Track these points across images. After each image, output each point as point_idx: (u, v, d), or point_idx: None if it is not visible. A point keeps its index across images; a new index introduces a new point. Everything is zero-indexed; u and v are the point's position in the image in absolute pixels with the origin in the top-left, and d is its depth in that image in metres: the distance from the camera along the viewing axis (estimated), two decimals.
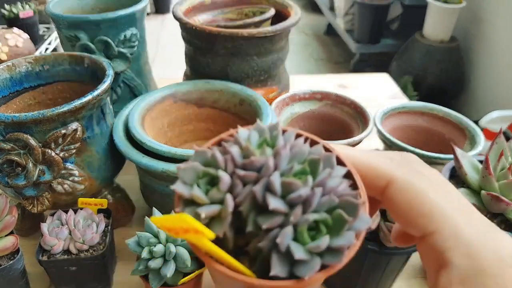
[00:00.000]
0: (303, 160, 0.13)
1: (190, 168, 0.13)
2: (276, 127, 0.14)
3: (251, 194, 0.12)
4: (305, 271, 0.12)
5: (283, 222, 0.12)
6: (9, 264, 0.33)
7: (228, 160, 0.13)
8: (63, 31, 0.45)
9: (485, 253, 0.12)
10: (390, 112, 0.49)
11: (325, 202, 0.12)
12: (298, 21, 0.47)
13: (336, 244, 0.12)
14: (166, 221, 0.12)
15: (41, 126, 0.33)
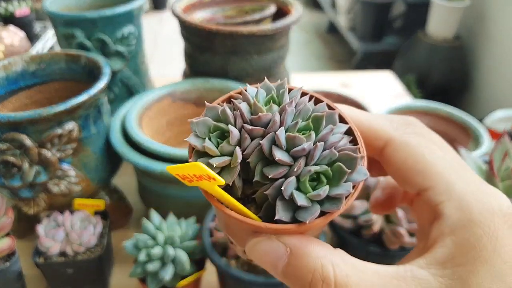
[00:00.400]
0: (307, 117, 0.15)
1: (202, 122, 0.14)
2: (283, 85, 0.15)
3: (258, 147, 0.14)
4: (306, 216, 0.13)
5: (287, 173, 0.13)
6: (5, 266, 0.32)
7: (237, 116, 0.14)
8: (60, 29, 0.44)
9: (476, 205, 0.13)
10: (394, 111, 0.48)
11: (326, 156, 0.14)
12: (299, 19, 0.46)
13: (335, 193, 0.13)
14: (181, 169, 0.13)
15: (37, 125, 0.32)
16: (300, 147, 0.13)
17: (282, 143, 0.13)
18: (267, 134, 0.14)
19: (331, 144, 0.14)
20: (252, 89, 0.15)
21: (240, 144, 0.14)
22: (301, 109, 0.15)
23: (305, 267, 0.13)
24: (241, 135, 0.14)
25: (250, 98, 0.15)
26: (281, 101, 0.15)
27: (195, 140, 0.14)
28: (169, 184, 0.37)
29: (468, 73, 1.40)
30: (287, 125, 0.14)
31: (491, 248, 0.12)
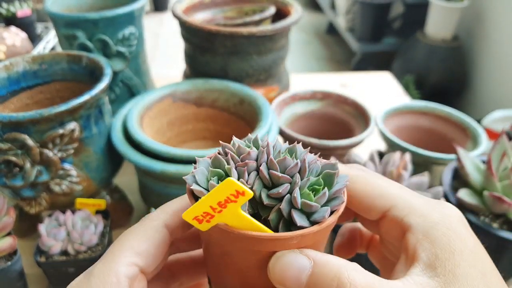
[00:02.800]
0: (285, 149, 0.17)
1: (200, 172, 0.16)
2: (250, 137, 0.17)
3: (257, 177, 0.15)
4: (321, 215, 0.15)
5: (290, 189, 0.15)
6: (7, 265, 0.32)
7: (229, 159, 0.16)
8: (61, 30, 0.45)
9: (433, 213, 0.16)
10: (392, 112, 0.49)
11: (313, 168, 0.16)
12: (299, 20, 0.46)
13: (334, 191, 0.16)
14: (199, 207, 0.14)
15: (39, 126, 0.32)
16: (292, 164, 0.15)
17: (276, 166, 0.15)
18: (261, 164, 0.16)
19: (310, 161, 0.16)
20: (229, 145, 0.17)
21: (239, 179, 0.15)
22: (277, 145, 0.17)
23: (329, 273, 0.14)
24: (239, 172, 0.15)
25: (231, 147, 0.16)
26: (257, 144, 0.17)
27: (199, 187, 0.15)
28: (170, 184, 0.37)
29: (467, 73, 1.40)
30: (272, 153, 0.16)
31: (459, 240, 0.15)
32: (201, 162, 0.16)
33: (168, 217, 0.17)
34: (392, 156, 0.34)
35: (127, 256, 0.15)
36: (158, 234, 0.16)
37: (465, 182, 0.37)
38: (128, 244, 0.16)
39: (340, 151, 0.43)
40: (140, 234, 0.16)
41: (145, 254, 0.16)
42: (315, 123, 0.51)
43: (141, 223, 0.17)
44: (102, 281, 0.15)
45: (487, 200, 0.33)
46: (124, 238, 0.16)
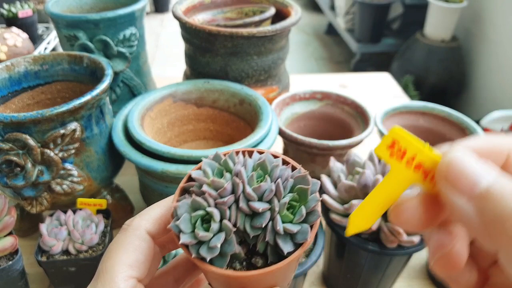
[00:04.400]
0: (254, 166, 0.17)
1: (183, 220, 0.16)
2: (219, 157, 0.17)
3: (239, 211, 0.16)
4: (303, 237, 0.16)
5: (270, 215, 0.16)
6: (8, 264, 0.32)
7: (207, 198, 0.16)
8: (62, 30, 0.45)
9: None
10: (391, 112, 0.49)
11: (287, 185, 0.17)
12: (299, 21, 0.47)
13: (310, 208, 0.16)
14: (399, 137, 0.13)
15: (40, 126, 0.33)
16: (268, 191, 0.16)
17: (254, 197, 0.16)
18: (239, 196, 0.16)
19: (285, 176, 0.17)
20: (197, 172, 0.17)
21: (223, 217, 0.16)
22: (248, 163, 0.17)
23: None
24: (221, 211, 0.16)
25: (204, 179, 0.16)
26: (228, 167, 0.17)
27: (187, 237, 0.15)
28: (170, 183, 0.37)
29: (466, 74, 1.40)
30: (247, 182, 0.16)
31: None
32: (180, 206, 0.16)
33: (149, 224, 0.17)
34: None
35: (121, 271, 0.16)
36: (144, 242, 0.17)
37: None
38: (118, 260, 0.16)
39: (340, 151, 0.43)
40: (127, 246, 0.16)
41: (137, 264, 0.16)
42: (314, 123, 0.51)
43: (125, 235, 0.17)
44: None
45: None
46: (113, 254, 0.16)
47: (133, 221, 0.17)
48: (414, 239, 0.31)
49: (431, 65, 1.37)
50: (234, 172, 0.16)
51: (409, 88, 1.33)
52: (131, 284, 0.16)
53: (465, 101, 1.44)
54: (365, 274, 0.35)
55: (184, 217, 0.16)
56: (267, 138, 0.38)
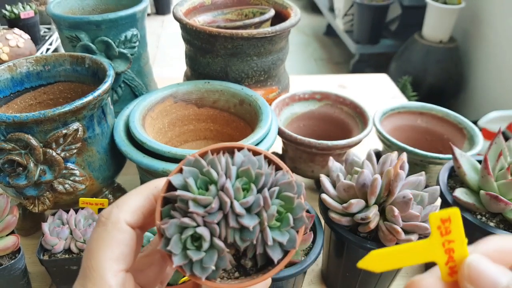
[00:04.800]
0: (238, 173, 0.17)
1: (175, 242, 0.16)
2: (200, 164, 0.17)
3: (228, 227, 0.16)
4: (291, 245, 0.16)
5: (260, 227, 0.16)
6: (10, 263, 0.33)
7: (195, 218, 0.16)
8: (64, 31, 0.45)
9: None
10: (389, 112, 0.49)
11: (272, 193, 0.16)
12: (298, 22, 0.47)
13: (297, 215, 0.17)
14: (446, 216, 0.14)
15: (42, 126, 0.33)
16: (256, 207, 0.16)
17: (243, 213, 0.16)
18: (227, 213, 0.16)
19: (272, 182, 0.17)
20: (177, 179, 0.16)
21: (213, 235, 0.16)
22: (232, 173, 0.17)
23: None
24: (211, 230, 0.16)
25: (189, 195, 0.16)
26: (212, 178, 0.16)
27: (180, 259, 0.15)
28: None
29: (463, 74, 1.41)
30: (234, 196, 0.16)
31: None
32: (168, 228, 0.16)
33: (128, 216, 0.17)
34: (390, 156, 0.34)
35: (109, 267, 0.16)
36: (126, 235, 0.17)
37: (461, 182, 0.38)
38: (104, 256, 0.16)
39: (339, 151, 0.43)
40: (110, 242, 0.16)
41: (122, 257, 0.16)
42: (314, 124, 0.52)
43: (105, 230, 0.17)
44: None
45: (484, 200, 0.34)
46: (97, 251, 0.16)
47: (111, 214, 0.17)
48: (412, 238, 0.31)
49: (429, 66, 1.38)
50: (219, 186, 0.16)
51: (407, 89, 1.34)
52: (121, 278, 0.16)
53: (462, 101, 1.44)
54: (364, 273, 0.35)
55: (174, 239, 0.15)
56: (267, 138, 0.39)
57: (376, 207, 0.32)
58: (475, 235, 0.34)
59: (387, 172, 0.32)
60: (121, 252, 0.16)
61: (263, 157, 0.17)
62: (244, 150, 0.17)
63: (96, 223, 0.17)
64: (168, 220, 0.16)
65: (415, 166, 0.43)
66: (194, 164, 0.17)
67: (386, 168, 0.33)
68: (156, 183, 0.18)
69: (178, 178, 0.16)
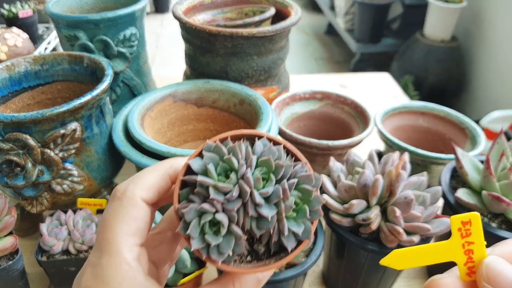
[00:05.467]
0: (258, 163, 0.17)
1: (194, 226, 0.16)
2: (221, 150, 0.17)
3: (246, 215, 0.16)
4: (306, 235, 0.17)
5: (277, 217, 0.16)
6: (8, 264, 0.32)
7: (214, 204, 0.16)
8: (63, 30, 0.45)
9: None
10: (391, 112, 0.49)
11: (291, 185, 0.16)
12: (298, 21, 0.47)
13: (313, 208, 0.17)
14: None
15: (40, 126, 0.33)
16: (275, 197, 0.16)
17: (262, 203, 0.16)
18: (246, 202, 0.16)
19: (292, 173, 0.17)
20: (197, 163, 0.16)
21: (232, 221, 0.16)
22: (252, 162, 0.17)
23: None
24: (228, 215, 0.16)
25: (209, 182, 0.16)
26: (233, 166, 0.16)
27: (198, 243, 0.16)
28: None
29: (465, 74, 1.41)
30: (254, 185, 0.16)
31: None
32: (188, 212, 0.16)
33: (143, 192, 0.17)
34: (391, 156, 0.34)
35: (125, 242, 0.16)
36: (141, 210, 0.17)
37: (463, 182, 0.38)
38: (120, 230, 0.16)
39: (340, 151, 0.43)
40: (125, 217, 0.17)
41: (138, 231, 0.17)
42: (314, 123, 0.51)
43: (121, 205, 0.17)
44: (117, 273, 0.15)
45: (486, 200, 0.34)
46: (112, 225, 0.16)
47: (127, 189, 0.17)
48: (414, 239, 0.31)
49: (431, 65, 1.37)
50: (240, 174, 0.16)
51: (409, 88, 1.33)
52: (136, 252, 0.16)
53: (464, 101, 1.44)
54: (365, 274, 0.35)
55: (193, 223, 0.16)
56: None
57: (378, 207, 0.32)
58: None
59: (389, 172, 0.32)
60: (136, 227, 0.17)
61: (282, 148, 0.17)
62: (264, 139, 0.17)
63: (111, 198, 0.17)
64: (187, 204, 0.16)
65: (416, 166, 0.43)
66: (214, 149, 0.17)
67: (388, 168, 0.32)
68: (171, 162, 0.18)
69: (197, 163, 0.16)
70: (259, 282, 0.18)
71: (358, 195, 0.33)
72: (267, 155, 0.17)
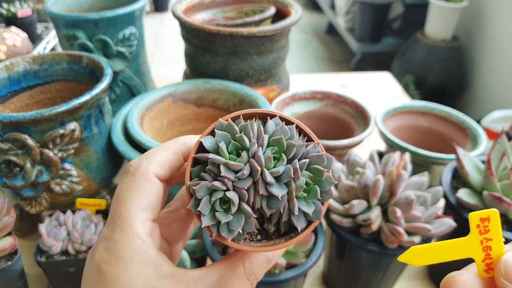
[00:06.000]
0: (270, 142, 0.16)
1: (204, 203, 0.16)
2: (233, 129, 0.17)
3: (257, 194, 0.16)
4: (316, 216, 0.16)
5: (287, 197, 0.16)
6: (7, 265, 0.32)
7: (225, 182, 0.16)
8: (62, 30, 0.45)
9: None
10: (392, 111, 0.49)
11: (302, 165, 0.16)
12: (299, 20, 0.47)
13: (324, 188, 0.16)
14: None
15: (39, 126, 0.32)
16: (286, 177, 0.16)
17: (272, 181, 0.16)
18: (257, 181, 0.16)
19: (300, 155, 0.16)
20: (209, 141, 0.16)
21: (242, 200, 0.16)
22: (264, 142, 0.16)
23: None
24: (239, 193, 0.16)
25: (221, 160, 0.16)
26: (245, 145, 0.16)
27: (208, 220, 0.16)
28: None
29: (466, 73, 1.40)
30: (265, 165, 0.16)
31: None
32: (199, 189, 0.16)
33: (156, 168, 0.17)
34: (392, 156, 0.34)
35: (137, 216, 0.16)
36: (154, 186, 0.17)
37: (464, 182, 0.37)
38: (133, 205, 0.16)
39: (340, 151, 0.43)
40: (138, 192, 0.17)
41: (150, 207, 0.17)
42: (315, 123, 0.51)
43: (134, 180, 0.17)
44: (129, 248, 0.16)
45: (487, 200, 0.33)
46: (126, 199, 0.17)
47: (141, 165, 0.17)
48: (414, 239, 0.31)
49: (432, 64, 1.37)
50: (251, 153, 0.16)
51: (410, 88, 1.33)
52: (148, 227, 0.16)
53: (465, 101, 1.43)
54: (365, 275, 0.35)
55: (204, 201, 0.16)
56: None
57: (378, 208, 0.32)
58: None
59: (389, 172, 0.31)
60: (149, 202, 0.17)
61: (295, 127, 0.17)
62: (276, 118, 0.17)
63: (125, 173, 0.18)
64: (198, 181, 0.16)
65: (417, 167, 0.43)
66: (226, 128, 0.17)
67: (388, 169, 0.32)
68: (185, 139, 0.19)
69: (209, 141, 0.17)
70: (269, 261, 0.18)
71: (358, 196, 0.33)
72: (279, 135, 0.16)
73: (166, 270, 0.16)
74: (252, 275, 0.17)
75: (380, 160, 0.35)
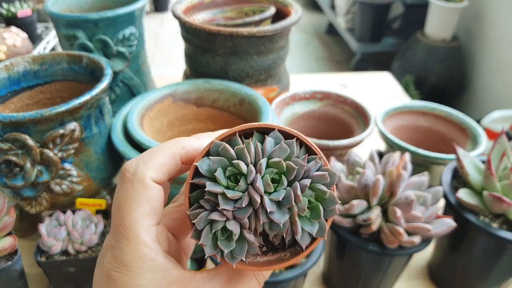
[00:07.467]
0: (269, 163, 0.16)
1: (206, 234, 0.16)
2: (228, 153, 0.16)
3: (258, 221, 0.16)
4: (321, 234, 0.16)
5: (290, 219, 0.16)
6: (7, 265, 0.32)
7: (225, 213, 0.16)
8: (62, 30, 0.45)
9: None
10: (392, 112, 0.49)
11: (304, 187, 0.16)
12: (299, 20, 0.46)
13: (328, 207, 0.16)
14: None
15: (39, 126, 0.32)
16: (286, 199, 0.15)
17: (274, 209, 0.15)
18: (257, 209, 0.15)
19: (305, 171, 0.16)
20: (205, 165, 0.16)
21: (244, 228, 0.16)
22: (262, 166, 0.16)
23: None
24: (240, 223, 0.16)
25: (217, 190, 0.15)
26: (242, 171, 0.16)
27: (211, 249, 0.16)
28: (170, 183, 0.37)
29: (466, 73, 1.40)
30: (264, 189, 0.16)
31: None
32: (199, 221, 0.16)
33: (154, 173, 0.17)
34: (392, 156, 0.34)
35: (141, 224, 0.16)
36: (154, 190, 0.17)
37: (464, 182, 0.37)
38: (134, 214, 0.16)
39: (340, 151, 0.43)
40: (139, 199, 0.17)
41: (153, 212, 0.17)
42: (315, 123, 0.51)
43: (131, 186, 0.17)
44: (137, 256, 0.16)
45: (487, 200, 0.33)
46: (128, 208, 0.16)
47: (137, 170, 0.17)
48: (414, 240, 0.31)
49: (432, 64, 1.37)
50: (249, 181, 0.16)
51: (410, 88, 1.33)
52: (153, 232, 0.16)
53: (465, 101, 1.43)
54: (365, 275, 0.35)
55: (205, 232, 0.16)
56: None
57: (378, 208, 0.32)
58: (478, 236, 0.34)
59: (389, 172, 0.31)
60: (151, 208, 0.17)
61: (295, 141, 0.16)
62: (275, 132, 0.17)
63: (121, 178, 0.17)
64: (197, 211, 0.16)
65: (417, 167, 0.43)
66: (222, 152, 0.16)
67: (389, 169, 0.32)
68: (184, 143, 0.18)
69: (205, 163, 0.16)
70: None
71: (358, 196, 0.33)
72: (278, 155, 0.16)
73: (175, 275, 0.16)
74: (260, 275, 0.18)
75: (380, 160, 0.35)
